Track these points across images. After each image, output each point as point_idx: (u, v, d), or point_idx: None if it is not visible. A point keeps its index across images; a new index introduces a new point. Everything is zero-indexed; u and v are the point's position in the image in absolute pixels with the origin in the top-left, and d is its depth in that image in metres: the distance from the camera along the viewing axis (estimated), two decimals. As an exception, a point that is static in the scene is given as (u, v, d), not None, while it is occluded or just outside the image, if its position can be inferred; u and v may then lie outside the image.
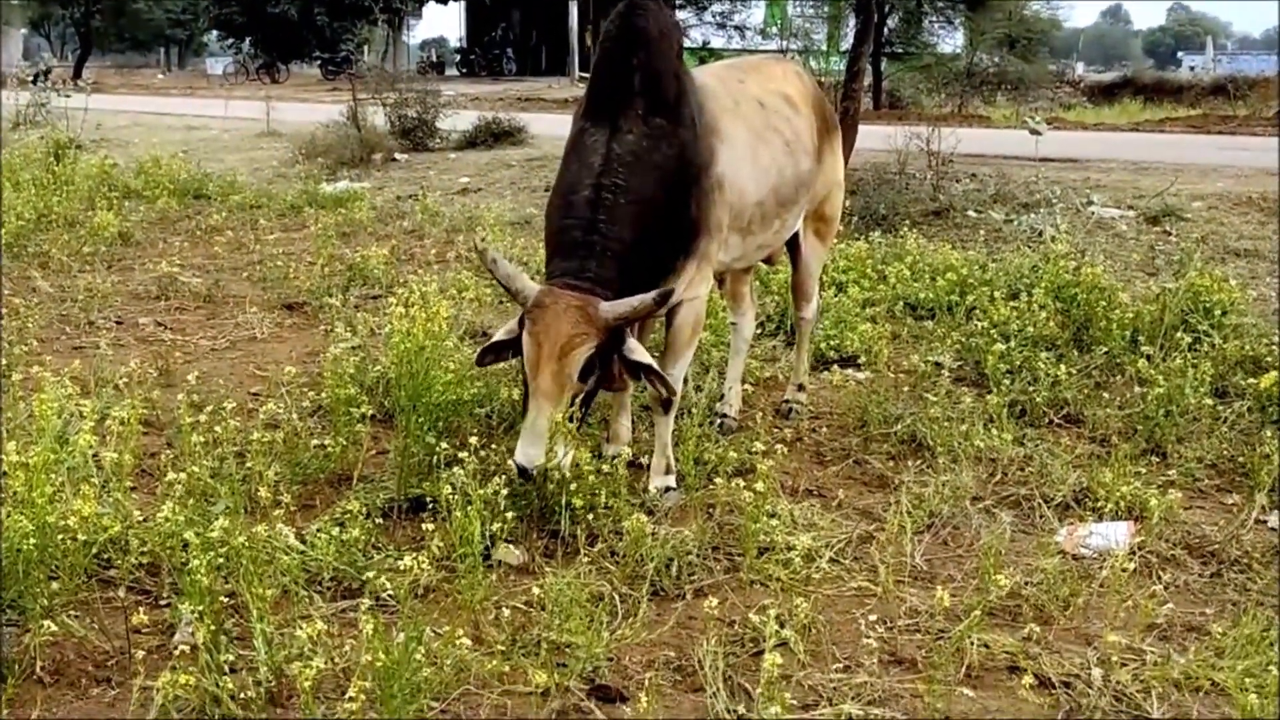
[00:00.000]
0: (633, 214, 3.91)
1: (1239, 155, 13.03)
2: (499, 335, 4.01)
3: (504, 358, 4.06)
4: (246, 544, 3.35)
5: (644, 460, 4.51)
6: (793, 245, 5.14)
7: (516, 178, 13.01)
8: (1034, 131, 11.09)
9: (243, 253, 8.75)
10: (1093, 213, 9.41)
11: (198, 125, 19.51)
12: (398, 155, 14.79)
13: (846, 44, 13.39)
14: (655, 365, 3.96)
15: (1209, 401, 5.09)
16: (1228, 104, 23.38)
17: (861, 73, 11.39)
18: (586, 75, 5.32)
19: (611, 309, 3.79)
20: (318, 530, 3.76)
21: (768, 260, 5.32)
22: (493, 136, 16.02)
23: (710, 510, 4.19)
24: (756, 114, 4.55)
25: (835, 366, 5.90)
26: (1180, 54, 66.64)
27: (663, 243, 4.01)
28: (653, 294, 3.81)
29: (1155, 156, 12.75)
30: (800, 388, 5.45)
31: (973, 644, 3.26)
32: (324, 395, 5.01)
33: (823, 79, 11.54)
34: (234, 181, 11.99)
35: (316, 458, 4.40)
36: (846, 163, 5.62)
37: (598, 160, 3.95)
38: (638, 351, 3.95)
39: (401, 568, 3.26)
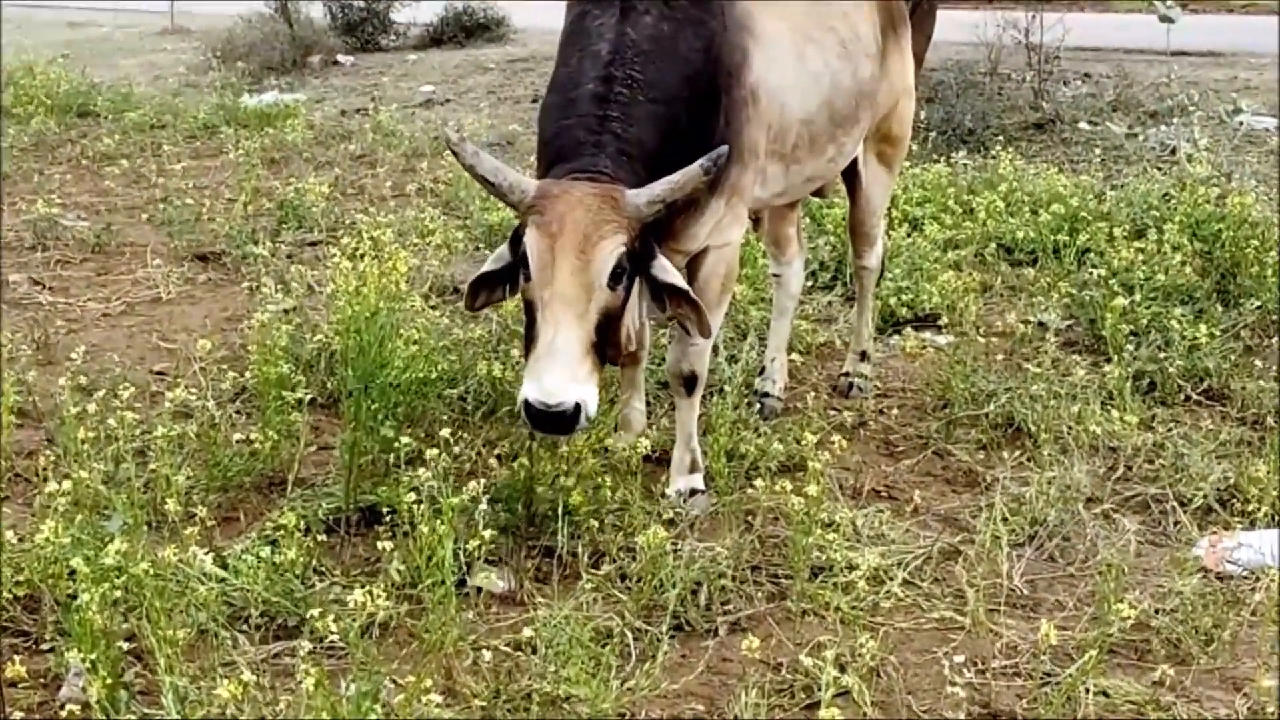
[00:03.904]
0: (653, 114, 3.88)
1: None
2: (491, 264, 3.95)
3: (499, 295, 4.01)
4: (150, 571, 3.34)
5: (663, 455, 4.49)
6: (850, 173, 5.10)
7: (495, 85, 12.95)
8: (1165, 18, 10.96)
9: (141, 187, 8.73)
10: (1241, 123, 9.32)
11: (81, 21, 19.53)
12: (341, 57, 14.75)
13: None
14: (691, 290, 3.91)
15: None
16: None
17: (940, -58, 11.29)
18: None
19: (644, 193, 3.71)
20: (243, 552, 3.74)
21: (819, 193, 5.29)
22: (464, 31, 15.97)
23: (748, 520, 4.17)
24: (803, 7, 4.50)
25: (909, 329, 5.87)
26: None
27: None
28: (699, 162, 3.71)
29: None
30: (863, 357, 5.43)
31: (1088, 691, 3.24)
32: (249, 375, 5.00)
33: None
34: (129, 94, 11.97)
35: (240, 457, 4.38)
36: (920, 63, 5.56)
37: (605, 48, 3.92)
38: (669, 272, 3.88)
39: (351, 600, 3.25)
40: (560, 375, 3.56)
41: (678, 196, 3.74)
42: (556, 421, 3.58)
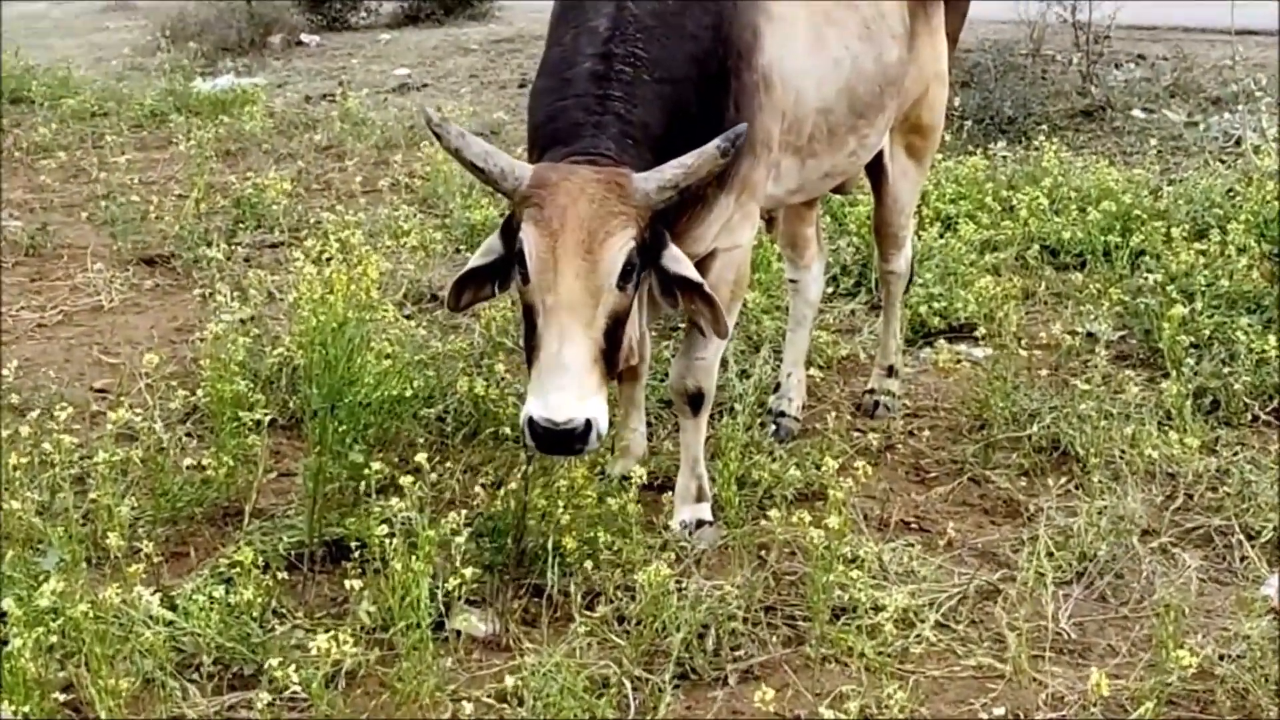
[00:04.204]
0: (659, 94, 3.88)
1: None
2: (478, 258, 3.92)
3: (488, 292, 3.97)
4: (90, 614, 3.34)
5: (666, 482, 4.49)
6: (875, 167, 5.11)
7: (477, 67, 12.98)
8: (1229, -8, 10.99)
9: (81, 182, 8.75)
10: (1314, 110, 9.34)
11: (16, -4, 19.53)
12: (305, 37, 14.78)
13: None
14: (705, 283, 3.88)
15: None
16: None
17: (977, -92, 11.34)
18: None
19: (654, 176, 3.69)
20: (193, 591, 3.74)
21: (840, 190, 5.30)
22: (443, 8, 16.01)
23: (762, 555, 4.18)
24: (821, -18, 4.52)
25: (942, 340, 5.88)
26: None
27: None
28: (715, 142, 3.69)
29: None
30: (890, 372, 5.43)
31: (1144, 748, 3.25)
32: (201, 392, 5.00)
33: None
34: (67, 78, 11.96)
35: (191, 485, 4.38)
36: (955, 44, 5.56)
37: (604, 24, 3.92)
38: (682, 262, 3.85)
39: (314, 646, 3.25)
40: (569, 392, 3.54)
41: (691, 181, 3.71)
42: (565, 441, 3.55)
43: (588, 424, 3.52)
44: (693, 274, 3.83)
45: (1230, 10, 11.16)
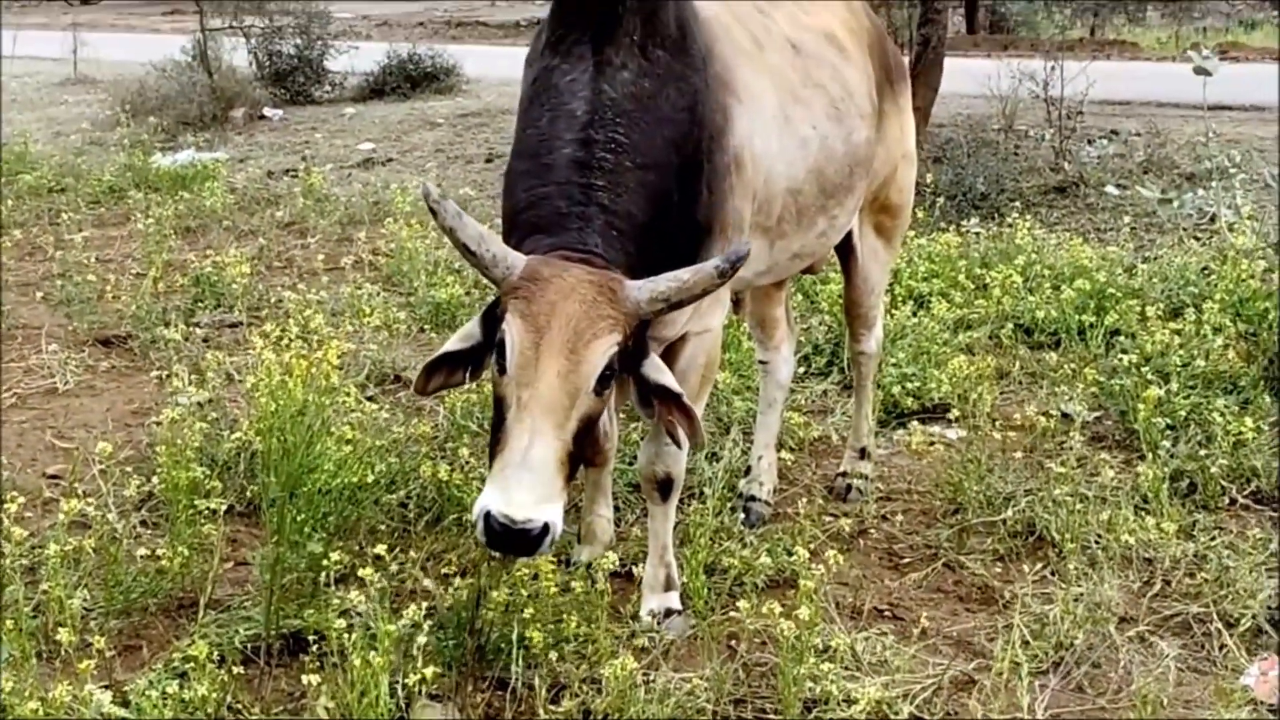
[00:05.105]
0: (642, 182, 3.87)
1: None
2: (455, 342, 3.88)
3: (459, 379, 3.93)
4: (40, 711, 3.31)
5: (633, 570, 4.49)
6: (845, 248, 5.16)
7: (444, 142, 13.05)
8: (1201, 70, 11.12)
9: (36, 260, 8.74)
10: (1289, 186, 9.43)
11: (-29, 69, 19.56)
12: (268, 111, 14.83)
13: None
14: (684, 395, 3.86)
15: None
16: None
17: (947, -17, 11.47)
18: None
19: (647, 286, 3.68)
20: (147, 687, 3.70)
21: (809, 269, 5.32)
22: (408, 82, 16.11)
23: (732, 645, 4.16)
24: (788, 61, 4.56)
25: (915, 422, 5.90)
26: None
27: (672, 238, 3.96)
28: (714, 262, 3.69)
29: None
30: (863, 454, 5.45)
31: (1123, 845, 3.24)
32: (156, 479, 4.97)
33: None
34: (24, 153, 11.99)
35: (145, 575, 4.36)
36: (926, 120, 5.65)
37: (581, 107, 3.90)
38: (663, 372, 3.84)
39: (271, 744, 3.22)
40: (532, 493, 3.48)
41: (684, 297, 3.70)
42: (520, 542, 3.48)
43: (545, 528, 3.47)
44: (672, 384, 3.81)
45: (1203, 86, 11.30)
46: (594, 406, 3.62)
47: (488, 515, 3.46)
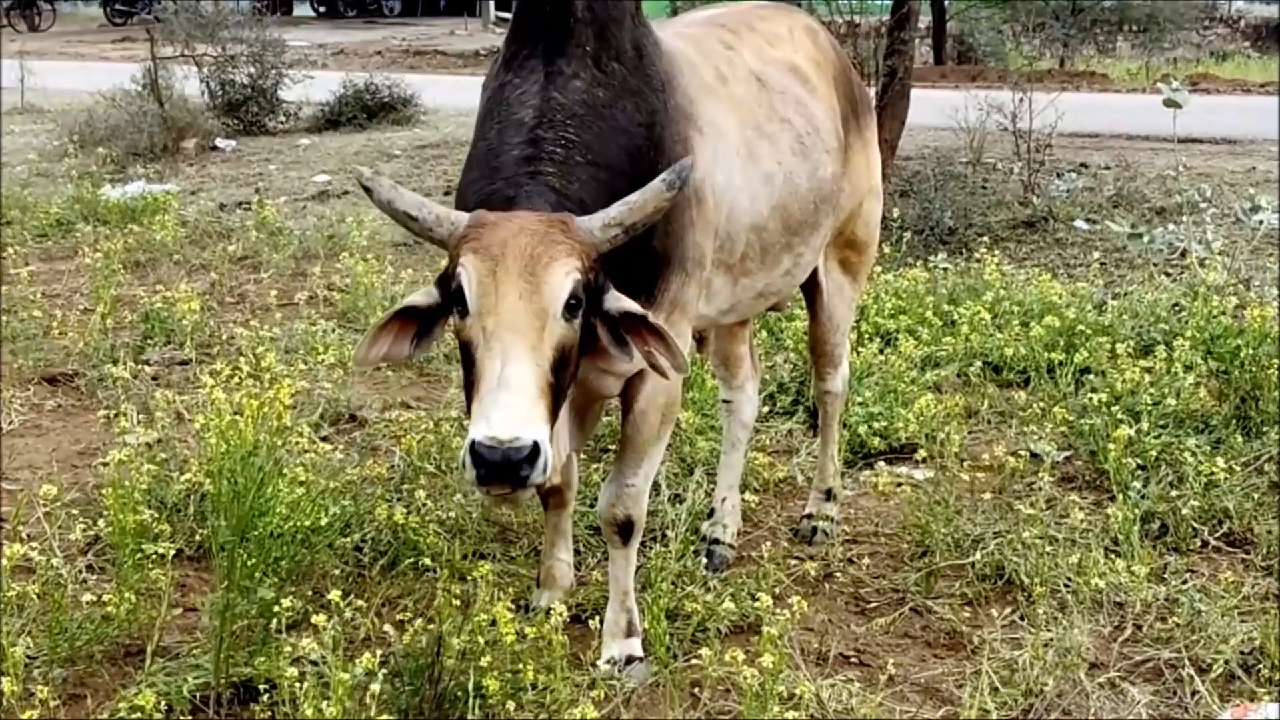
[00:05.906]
0: (594, 177, 3.84)
1: None
2: (416, 298, 3.78)
3: (402, 348, 3.79)
4: (-21, 765, 3.28)
5: (594, 616, 4.47)
6: (810, 285, 5.16)
7: (402, 174, 13.05)
8: (1171, 103, 11.23)
9: (-19, 296, 8.67)
10: (1260, 222, 9.52)
11: (-86, 97, 19.48)
12: (220, 142, 14.80)
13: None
14: (650, 314, 3.79)
15: None
16: None
17: (914, 13, 11.52)
18: (507, 16, 5.26)
19: (598, 216, 3.65)
20: (91, 738, 3.68)
21: (774, 307, 5.33)
22: (365, 112, 16.13)
23: (695, 693, 4.15)
24: (753, 95, 4.57)
25: (881, 462, 5.89)
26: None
27: (629, 259, 3.92)
28: (663, 176, 3.66)
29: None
30: (829, 496, 5.45)
31: None
32: (103, 522, 4.94)
33: (856, 21, 11.65)
34: (-32, 186, 11.94)
35: (90, 622, 4.31)
36: (892, 152, 5.67)
37: (529, 114, 3.89)
38: (624, 300, 3.75)
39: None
40: (515, 411, 3.38)
41: (638, 220, 3.66)
42: (511, 468, 3.35)
43: (535, 447, 3.36)
44: (635, 308, 3.75)
45: (1173, 118, 11.41)
46: (567, 335, 3.55)
47: (473, 446, 3.36)
